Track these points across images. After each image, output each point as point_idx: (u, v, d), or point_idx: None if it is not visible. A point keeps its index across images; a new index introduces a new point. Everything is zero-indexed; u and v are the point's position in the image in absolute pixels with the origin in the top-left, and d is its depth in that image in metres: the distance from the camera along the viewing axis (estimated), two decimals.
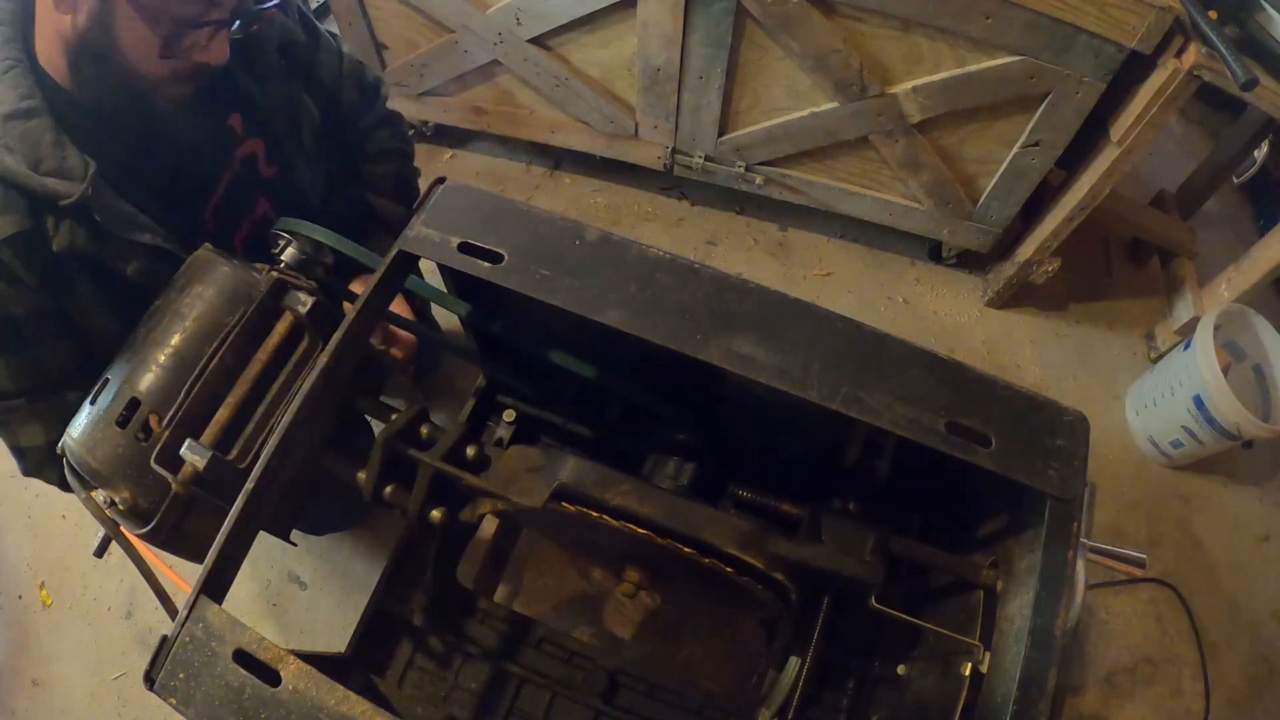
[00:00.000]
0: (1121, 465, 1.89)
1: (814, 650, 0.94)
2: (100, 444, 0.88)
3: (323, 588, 1.68)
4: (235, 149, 1.13)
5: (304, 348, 0.93)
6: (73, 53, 0.90)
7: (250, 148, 1.15)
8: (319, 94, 1.21)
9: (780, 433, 1.01)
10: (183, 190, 1.08)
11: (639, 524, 0.83)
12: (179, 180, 1.06)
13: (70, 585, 1.70)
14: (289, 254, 0.98)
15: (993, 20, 1.44)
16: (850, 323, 0.79)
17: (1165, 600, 1.73)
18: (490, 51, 1.87)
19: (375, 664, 1.15)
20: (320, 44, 1.21)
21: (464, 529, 0.94)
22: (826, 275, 2.15)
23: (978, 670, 0.78)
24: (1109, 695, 1.63)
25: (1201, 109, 2.53)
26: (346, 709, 0.63)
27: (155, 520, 0.86)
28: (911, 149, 1.76)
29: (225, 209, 1.15)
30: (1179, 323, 1.94)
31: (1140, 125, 1.50)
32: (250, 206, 1.19)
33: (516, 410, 1.16)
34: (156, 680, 0.66)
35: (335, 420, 0.91)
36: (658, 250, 0.81)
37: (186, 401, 0.85)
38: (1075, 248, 1.90)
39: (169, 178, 1.05)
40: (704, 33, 1.65)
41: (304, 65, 1.18)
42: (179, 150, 1.04)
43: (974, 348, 2.05)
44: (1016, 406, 0.76)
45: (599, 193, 2.27)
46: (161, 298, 0.95)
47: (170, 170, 1.05)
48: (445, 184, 0.86)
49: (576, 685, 1.16)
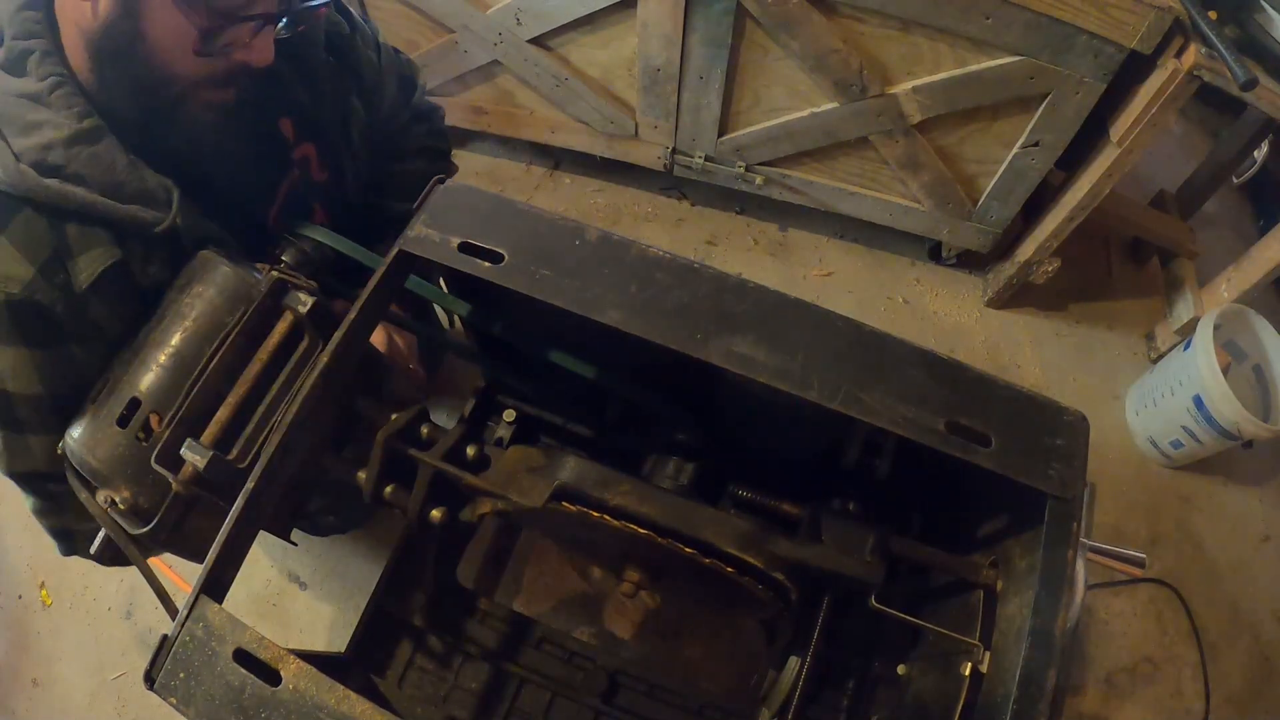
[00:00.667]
0: (1121, 465, 1.89)
1: (814, 650, 0.94)
2: (100, 443, 0.88)
3: (323, 588, 1.68)
4: (290, 155, 1.05)
5: (304, 348, 0.93)
6: (93, 49, 0.80)
7: (303, 152, 1.08)
8: (359, 89, 1.13)
9: (780, 433, 1.01)
10: (244, 204, 1.01)
11: (639, 524, 0.83)
12: (237, 195, 0.99)
13: (70, 585, 1.70)
14: (290, 254, 0.98)
15: (993, 20, 1.44)
16: (850, 323, 0.79)
17: (1165, 600, 1.73)
18: (490, 52, 1.87)
19: (375, 664, 1.15)
20: (358, 34, 1.12)
21: (464, 529, 0.94)
22: (826, 275, 2.15)
23: (978, 670, 0.78)
24: (1109, 695, 1.63)
25: (1201, 109, 2.53)
26: (346, 709, 0.63)
27: (155, 520, 0.85)
28: (911, 149, 1.76)
29: (285, 220, 1.07)
30: (1179, 323, 1.93)
31: (1140, 126, 1.50)
32: (308, 214, 1.11)
33: (516, 410, 1.16)
34: (156, 680, 0.66)
35: (335, 420, 0.91)
36: (658, 250, 0.81)
37: (187, 401, 0.85)
38: (1075, 248, 1.90)
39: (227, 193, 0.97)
40: (704, 33, 1.65)
41: (350, 62, 1.10)
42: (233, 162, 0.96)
43: (974, 348, 2.05)
44: (1016, 406, 0.76)
45: (599, 193, 2.27)
46: (162, 298, 0.94)
47: (228, 185, 0.97)
48: (445, 184, 0.86)
49: (576, 685, 1.16)
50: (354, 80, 1.11)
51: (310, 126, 1.07)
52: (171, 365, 0.89)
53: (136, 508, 0.88)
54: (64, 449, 0.91)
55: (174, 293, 0.93)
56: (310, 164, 1.09)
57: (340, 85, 1.08)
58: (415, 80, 1.27)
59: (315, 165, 1.10)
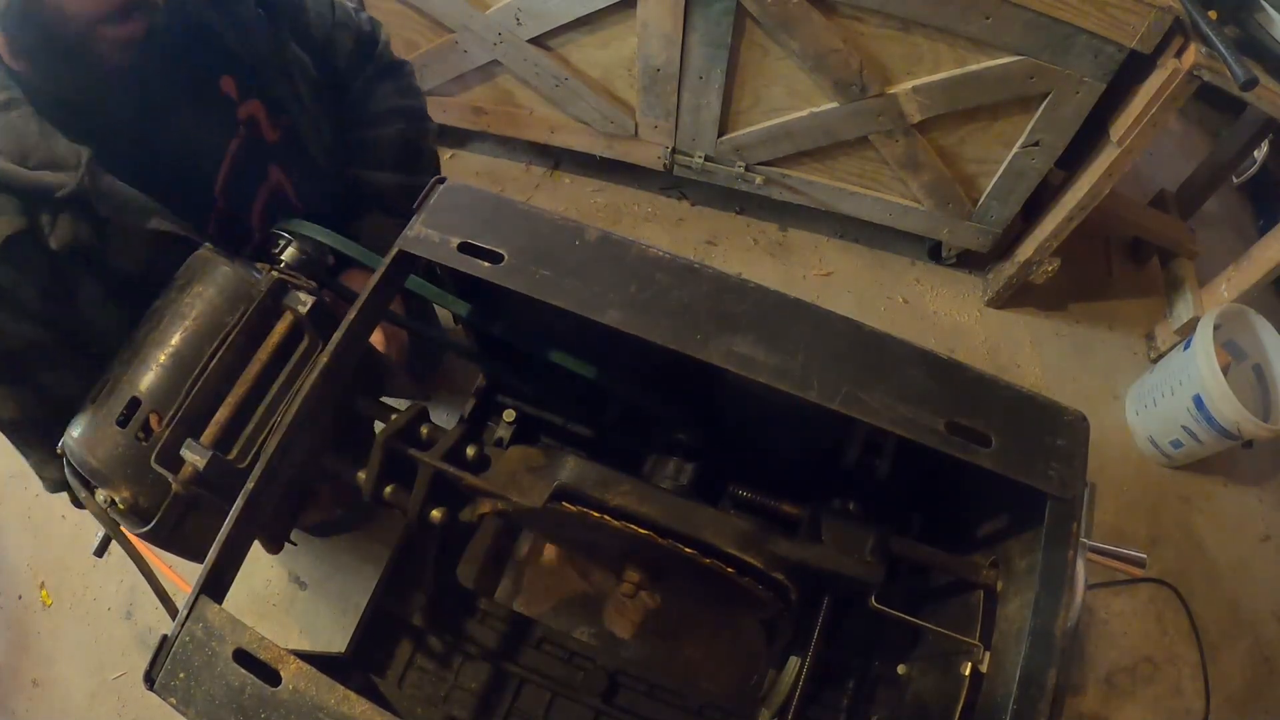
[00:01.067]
0: (1121, 465, 1.89)
1: (814, 650, 0.94)
2: (100, 443, 0.88)
3: (323, 588, 1.68)
4: (235, 114, 1.04)
5: (304, 348, 0.93)
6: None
7: (249, 109, 1.05)
8: (309, 46, 1.11)
9: (780, 433, 1.01)
10: (187, 169, 1.00)
11: (639, 524, 0.83)
12: (182, 159, 0.99)
13: (70, 585, 1.70)
14: (289, 254, 0.98)
15: (992, 20, 1.44)
16: (850, 323, 0.78)
17: (1165, 600, 1.73)
18: (490, 52, 1.87)
19: (375, 664, 1.15)
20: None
21: (464, 529, 0.94)
22: (826, 275, 2.15)
23: (978, 670, 0.78)
24: (1109, 695, 1.63)
25: (1201, 109, 2.53)
26: (346, 709, 0.63)
27: (155, 520, 0.85)
28: (911, 149, 1.76)
29: (235, 184, 1.07)
30: (1179, 322, 1.94)
31: (1140, 125, 1.50)
32: (263, 175, 1.10)
33: (516, 410, 1.16)
34: (156, 680, 0.66)
35: (335, 420, 0.91)
36: (658, 250, 0.81)
37: (186, 401, 0.85)
38: (1075, 247, 1.90)
39: (171, 158, 0.97)
40: (703, 33, 1.65)
41: (287, 13, 1.08)
42: (174, 127, 0.96)
43: (974, 347, 2.05)
44: (1017, 406, 0.76)
45: (599, 193, 2.27)
46: (161, 297, 0.94)
47: (171, 150, 0.97)
48: (445, 184, 0.86)
49: (576, 685, 1.16)
50: (293, 30, 1.08)
51: (253, 81, 1.04)
52: (171, 365, 0.89)
53: (136, 507, 0.88)
54: (63, 448, 0.91)
55: (174, 292, 0.93)
56: (259, 124, 1.07)
57: (277, 35, 1.05)
58: (376, 35, 1.22)
59: (265, 125, 1.08)
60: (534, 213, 0.83)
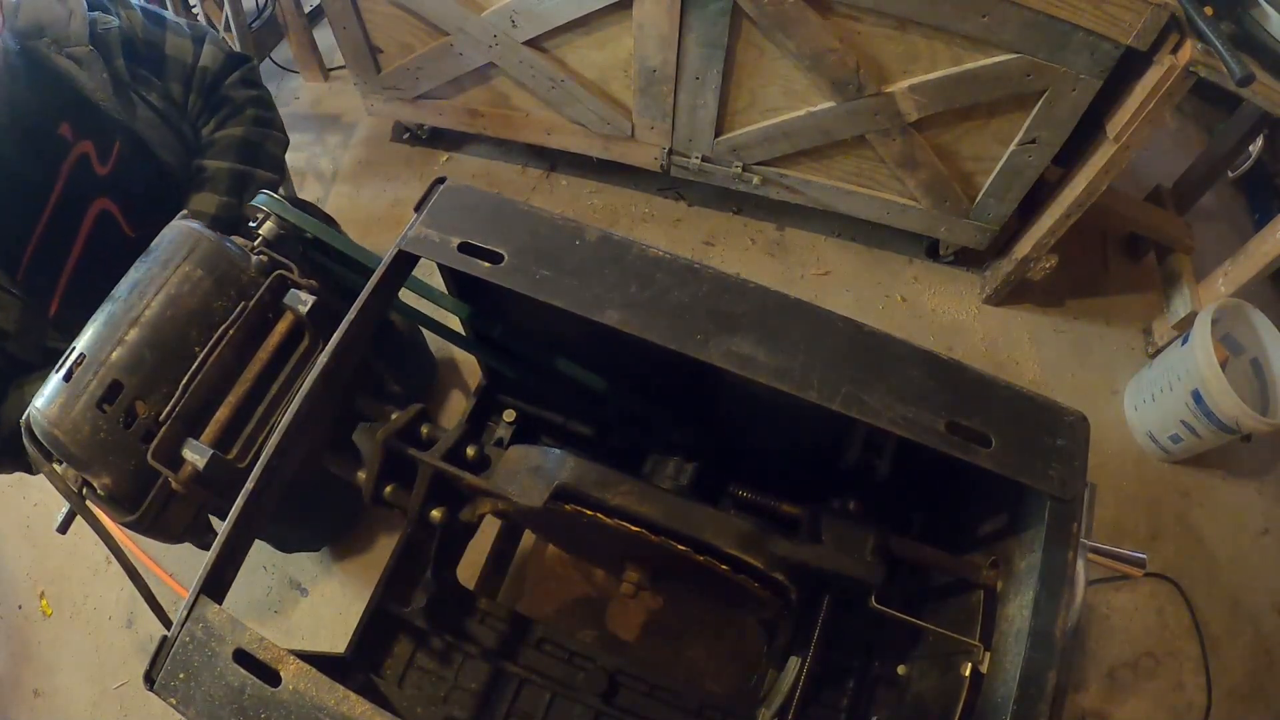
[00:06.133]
0: (1120, 460, 1.89)
1: (814, 650, 0.94)
2: (78, 425, 0.85)
3: (323, 593, 1.67)
4: (64, 161, 1.04)
5: (304, 348, 0.92)
6: None
7: (82, 149, 1.06)
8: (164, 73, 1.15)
9: (780, 433, 1.01)
10: (10, 204, 1.00)
11: (639, 524, 0.83)
12: (4, 195, 0.98)
13: (70, 595, 1.69)
14: (267, 228, 0.96)
15: (989, 18, 1.44)
16: (850, 322, 0.79)
17: (1166, 594, 1.73)
18: (486, 54, 1.87)
19: (375, 664, 1.15)
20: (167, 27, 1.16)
21: (464, 529, 0.94)
22: (824, 274, 2.15)
23: (978, 670, 0.78)
24: (1111, 690, 1.63)
25: (1197, 104, 2.53)
26: (346, 709, 0.63)
27: (140, 510, 0.84)
28: (908, 147, 1.76)
29: (59, 217, 1.06)
30: (1176, 318, 1.94)
31: (1137, 122, 1.50)
32: (82, 213, 1.10)
33: (516, 410, 1.16)
34: (156, 680, 0.66)
35: (335, 420, 0.91)
36: (658, 250, 0.81)
37: (184, 399, 0.85)
38: (1072, 244, 1.90)
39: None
40: (700, 33, 1.64)
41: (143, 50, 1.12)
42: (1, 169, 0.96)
43: (972, 345, 2.05)
44: (1016, 406, 0.76)
45: (596, 194, 2.27)
46: (140, 270, 0.91)
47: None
48: (445, 184, 0.86)
49: (576, 685, 1.16)
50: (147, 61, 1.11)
51: (88, 120, 1.05)
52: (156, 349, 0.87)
53: (116, 494, 0.87)
54: (29, 419, 0.89)
55: (156, 267, 0.91)
56: (90, 160, 1.08)
57: (110, 63, 1.07)
58: (204, 38, 1.24)
59: (95, 160, 1.09)
60: (534, 213, 0.83)
